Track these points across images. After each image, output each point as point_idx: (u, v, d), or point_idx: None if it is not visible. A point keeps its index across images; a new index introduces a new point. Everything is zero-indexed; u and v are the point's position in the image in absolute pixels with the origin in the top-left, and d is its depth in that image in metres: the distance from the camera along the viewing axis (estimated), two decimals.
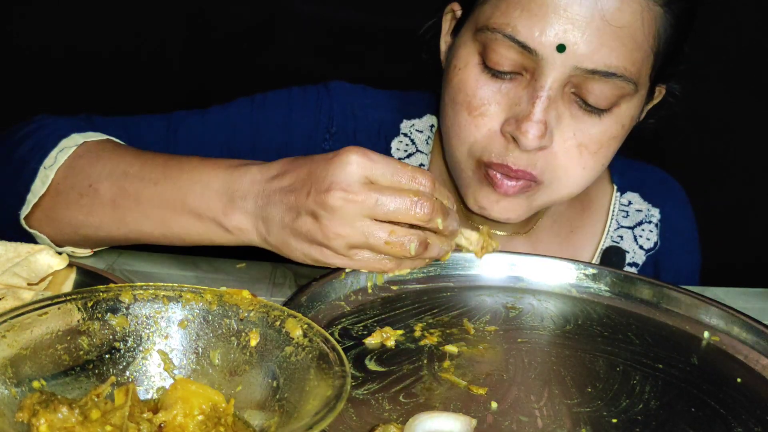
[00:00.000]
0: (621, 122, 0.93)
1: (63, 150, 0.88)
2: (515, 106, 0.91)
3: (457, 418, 0.65)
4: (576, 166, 0.94)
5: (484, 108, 0.93)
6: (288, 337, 0.61)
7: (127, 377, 0.62)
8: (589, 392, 0.73)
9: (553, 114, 0.91)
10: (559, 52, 0.87)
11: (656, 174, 1.22)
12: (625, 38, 0.88)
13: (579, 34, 0.87)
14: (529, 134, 0.89)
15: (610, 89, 0.90)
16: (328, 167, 0.76)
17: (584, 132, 0.92)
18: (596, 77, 0.88)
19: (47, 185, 0.87)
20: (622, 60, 0.88)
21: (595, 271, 0.94)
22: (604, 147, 0.94)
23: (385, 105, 1.15)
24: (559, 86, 0.89)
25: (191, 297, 0.63)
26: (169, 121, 1.07)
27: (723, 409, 0.73)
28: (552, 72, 0.88)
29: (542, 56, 0.88)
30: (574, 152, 0.93)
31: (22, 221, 0.88)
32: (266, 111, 1.11)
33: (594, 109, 0.91)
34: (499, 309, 0.88)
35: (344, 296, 0.86)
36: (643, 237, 1.14)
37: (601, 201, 1.16)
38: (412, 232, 0.78)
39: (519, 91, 0.91)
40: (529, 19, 0.88)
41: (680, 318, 0.89)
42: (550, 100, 0.89)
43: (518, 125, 0.90)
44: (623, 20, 0.87)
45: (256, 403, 0.60)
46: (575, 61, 0.88)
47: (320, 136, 1.12)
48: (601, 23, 0.87)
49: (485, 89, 0.93)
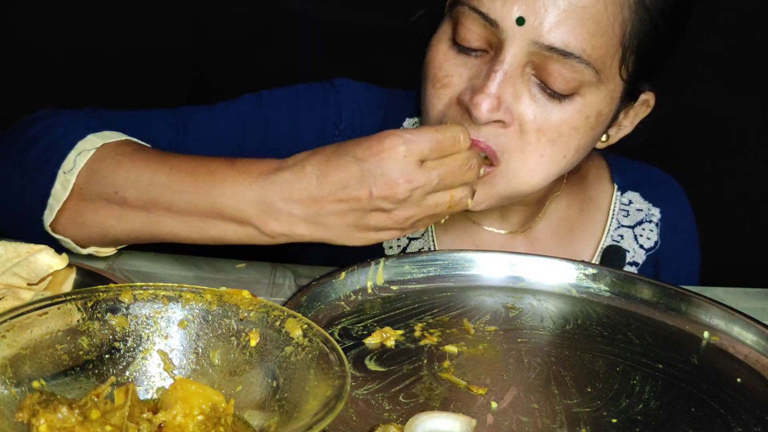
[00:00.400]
0: (585, 113, 0.92)
1: (81, 153, 0.87)
2: (475, 79, 0.92)
3: (457, 418, 0.65)
4: (533, 151, 0.93)
5: (447, 79, 0.94)
6: (288, 337, 0.61)
7: (126, 377, 0.62)
8: (589, 392, 0.73)
9: (510, 91, 0.90)
10: (518, 25, 0.88)
11: (656, 174, 1.22)
12: (586, 19, 0.88)
13: (540, 9, 0.87)
14: (481, 106, 0.89)
15: (569, 71, 0.89)
16: (381, 163, 0.79)
17: (543, 117, 0.91)
18: (554, 56, 0.88)
19: (69, 189, 0.86)
20: (581, 41, 0.88)
21: (595, 271, 0.94)
22: (564, 137, 0.93)
23: (387, 104, 1.15)
24: (519, 63, 0.89)
25: (191, 297, 0.63)
26: (177, 116, 1.07)
27: (723, 409, 0.73)
28: (510, 47, 0.89)
29: (503, 29, 0.88)
30: (532, 136, 0.92)
31: (48, 227, 0.88)
32: (274, 107, 1.11)
33: (555, 94, 0.91)
34: (499, 309, 0.88)
35: (344, 296, 0.86)
36: (643, 236, 1.14)
37: (601, 200, 1.16)
38: (464, 188, 0.84)
39: (481, 66, 0.92)
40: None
41: (680, 318, 0.89)
42: (506, 75, 0.89)
43: (471, 96, 0.90)
44: (585, 0, 0.87)
45: (256, 403, 0.60)
46: (534, 35, 0.88)
47: (329, 132, 1.12)
48: (562, 1, 0.87)
49: (450, 63, 0.94)
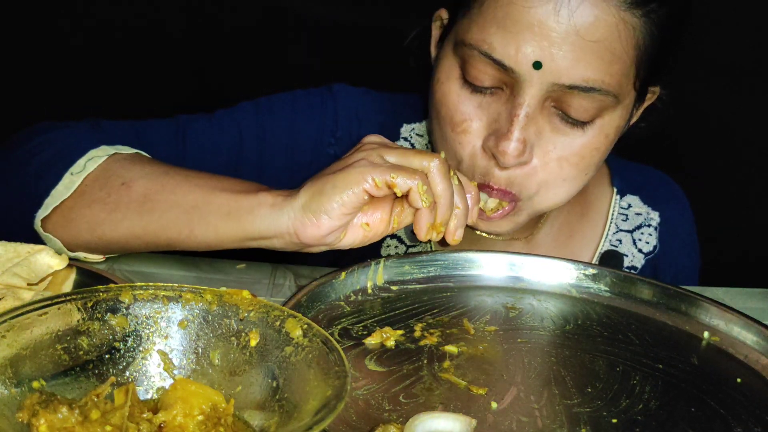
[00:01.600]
0: (605, 133, 0.93)
1: (92, 159, 0.87)
2: (495, 122, 0.91)
3: (457, 418, 0.65)
4: (556, 179, 0.94)
5: (466, 124, 0.93)
6: (288, 337, 0.61)
7: (126, 377, 0.62)
8: (589, 392, 0.73)
9: (533, 130, 0.90)
10: (535, 69, 0.86)
11: (656, 176, 1.22)
12: (601, 52, 0.87)
13: (555, 51, 0.86)
14: (507, 152, 0.89)
15: (590, 103, 0.89)
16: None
17: (565, 145, 0.92)
18: (575, 92, 0.88)
19: (72, 190, 0.86)
20: (600, 74, 0.88)
21: (594, 271, 0.94)
22: (587, 158, 0.93)
23: (386, 109, 1.15)
24: (538, 102, 0.89)
25: (191, 297, 0.63)
26: (176, 125, 1.07)
27: (723, 409, 0.73)
28: (529, 89, 0.88)
29: (519, 73, 0.87)
30: (554, 166, 0.93)
31: (38, 223, 0.87)
32: (272, 115, 1.11)
33: (576, 122, 0.91)
34: (499, 309, 0.88)
35: (344, 296, 0.86)
36: (642, 241, 1.14)
37: (600, 204, 1.16)
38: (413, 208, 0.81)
39: (499, 106, 0.91)
40: (504, 37, 0.87)
41: (680, 318, 0.89)
42: (528, 118, 0.89)
43: (497, 143, 0.90)
44: (598, 34, 0.86)
45: (256, 403, 0.60)
46: (552, 77, 0.87)
47: (326, 140, 1.12)
48: (576, 38, 0.86)
49: (466, 104, 0.93)
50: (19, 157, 0.92)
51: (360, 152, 0.80)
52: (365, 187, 0.77)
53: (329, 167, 0.81)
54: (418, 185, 0.77)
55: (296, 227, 0.78)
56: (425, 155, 0.80)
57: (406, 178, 0.77)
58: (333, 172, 0.79)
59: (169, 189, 0.84)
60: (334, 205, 0.77)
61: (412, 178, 0.77)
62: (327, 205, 0.77)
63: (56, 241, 0.87)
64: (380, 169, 0.77)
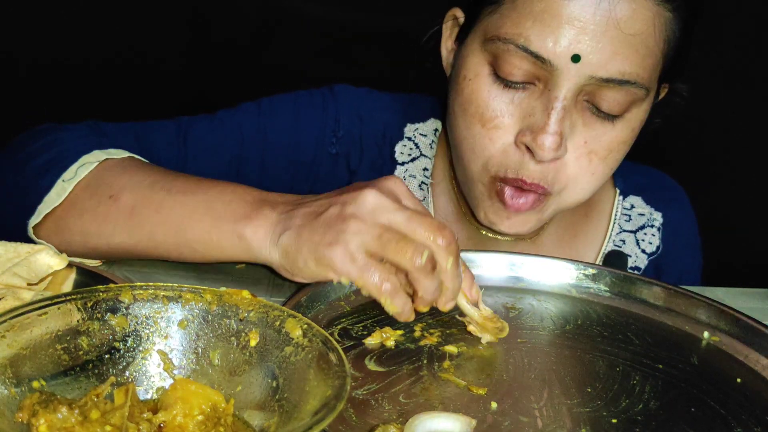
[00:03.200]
0: (631, 126, 0.93)
1: (84, 165, 0.88)
2: (529, 116, 0.91)
3: (457, 418, 0.65)
4: (586, 173, 0.94)
5: (498, 120, 0.92)
6: (288, 337, 0.61)
7: (126, 377, 0.62)
8: (589, 392, 0.73)
9: (568, 123, 0.90)
10: (573, 62, 0.86)
11: (659, 177, 1.22)
12: (638, 45, 0.88)
13: (593, 44, 0.86)
14: (545, 146, 0.88)
15: (624, 96, 0.89)
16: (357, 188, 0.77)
17: (596, 139, 0.92)
18: (610, 85, 0.88)
19: (63, 197, 0.86)
20: (636, 67, 0.88)
21: (595, 271, 0.94)
22: (614, 152, 0.94)
23: (389, 109, 1.15)
24: (573, 96, 0.89)
25: (191, 297, 0.63)
26: (178, 127, 1.07)
27: (723, 409, 0.73)
28: (566, 82, 0.88)
29: (556, 66, 0.87)
30: (584, 160, 0.93)
31: (30, 230, 0.87)
32: (273, 116, 1.11)
33: (607, 116, 0.91)
34: (499, 309, 0.88)
35: (344, 296, 0.86)
36: (645, 241, 1.14)
37: (603, 205, 1.16)
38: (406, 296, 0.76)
39: (532, 101, 0.91)
40: (542, 30, 0.87)
41: (680, 318, 0.89)
42: (565, 111, 0.89)
43: (534, 137, 0.89)
44: (636, 28, 0.87)
45: (256, 403, 0.60)
46: (590, 70, 0.87)
47: (327, 140, 1.12)
48: (615, 32, 0.86)
49: (498, 100, 0.92)
50: (17, 160, 0.92)
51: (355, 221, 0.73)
52: (332, 277, 0.74)
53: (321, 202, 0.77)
54: (383, 300, 0.73)
55: (275, 266, 0.79)
56: (433, 229, 0.73)
57: (372, 288, 0.73)
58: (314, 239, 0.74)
59: (154, 206, 0.84)
60: (306, 275, 0.77)
61: (379, 291, 0.73)
62: (299, 273, 0.77)
63: (51, 247, 0.87)
64: (354, 268, 0.72)
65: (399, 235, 0.73)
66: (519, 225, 0.97)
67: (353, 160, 1.12)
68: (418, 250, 0.72)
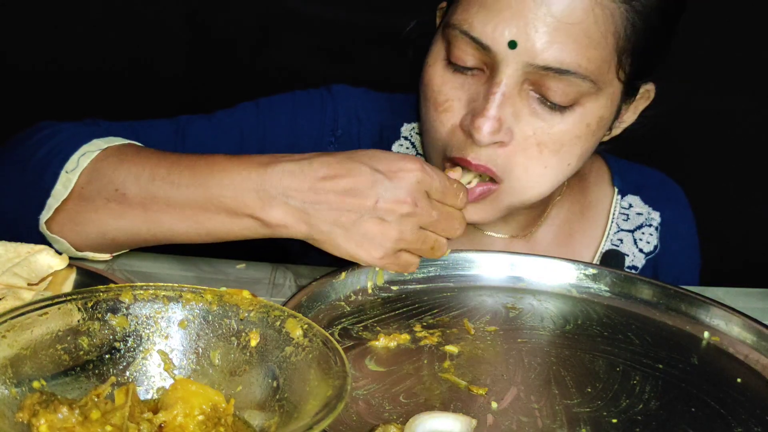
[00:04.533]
0: (585, 121, 0.93)
1: (85, 154, 0.87)
2: (473, 101, 0.92)
3: (457, 418, 0.65)
4: (537, 164, 0.93)
5: (448, 104, 0.94)
6: (288, 337, 0.61)
7: (127, 377, 0.62)
8: (589, 392, 0.73)
9: (510, 111, 0.90)
10: (510, 48, 0.87)
11: (657, 177, 1.22)
12: (577, 35, 0.87)
13: (531, 31, 0.87)
14: (482, 129, 0.89)
15: (567, 86, 0.89)
16: (395, 179, 0.81)
17: (544, 130, 0.92)
18: (551, 74, 0.88)
19: (69, 189, 0.86)
20: (575, 57, 0.88)
21: (595, 271, 0.94)
22: (567, 146, 0.93)
23: (386, 108, 1.15)
24: (515, 83, 0.89)
25: (191, 297, 0.63)
26: (176, 126, 1.07)
27: (723, 409, 0.73)
28: (506, 68, 0.89)
29: (496, 52, 0.88)
30: (533, 150, 0.92)
31: (43, 225, 0.87)
32: (272, 115, 1.11)
33: (555, 106, 0.91)
34: (499, 309, 0.88)
35: (344, 296, 0.86)
36: (643, 240, 1.14)
37: (601, 204, 1.16)
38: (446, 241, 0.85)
39: (479, 86, 0.92)
40: (485, 16, 0.88)
41: (680, 318, 0.89)
42: (504, 96, 0.89)
43: (472, 120, 0.90)
44: (574, 17, 0.87)
45: (256, 403, 0.60)
46: (527, 57, 0.88)
47: (325, 139, 1.12)
48: (552, 20, 0.87)
49: (449, 85, 0.93)
50: (17, 157, 0.92)
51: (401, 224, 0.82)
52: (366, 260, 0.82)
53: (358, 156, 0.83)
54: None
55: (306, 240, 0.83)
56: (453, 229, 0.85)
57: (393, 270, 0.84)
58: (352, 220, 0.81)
59: (163, 202, 0.85)
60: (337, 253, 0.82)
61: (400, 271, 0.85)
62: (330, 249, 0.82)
63: (63, 242, 0.87)
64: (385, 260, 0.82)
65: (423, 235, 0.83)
66: (475, 214, 0.96)
67: None
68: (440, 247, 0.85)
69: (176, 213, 0.84)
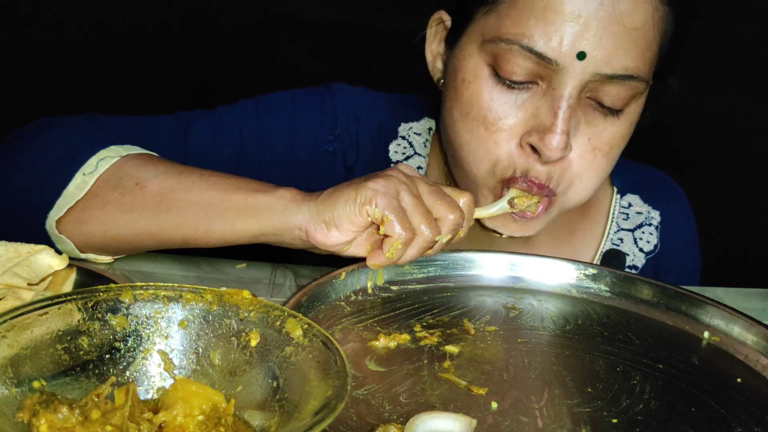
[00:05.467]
0: (630, 121, 0.94)
1: (104, 159, 0.87)
2: (534, 117, 0.90)
3: (457, 418, 0.65)
4: (589, 170, 0.93)
5: (502, 122, 0.91)
6: (288, 337, 0.61)
7: (127, 377, 0.62)
8: (589, 392, 0.73)
9: (574, 122, 0.90)
10: (579, 60, 0.86)
11: (656, 176, 1.22)
12: (638, 39, 0.88)
13: (597, 40, 0.86)
14: (554, 146, 0.88)
15: (626, 91, 0.89)
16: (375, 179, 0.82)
17: (598, 135, 0.92)
18: (614, 81, 0.88)
19: (84, 191, 0.86)
20: (637, 61, 0.88)
21: (595, 271, 0.94)
22: (615, 147, 0.94)
23: (383, 108, 1.15)
24: (578, 93, 0.89)
25: (191, 297, 0.63)
26: (178, 123, 1.07)
27: (723, 409, 0.73)
28: (572, 80, 0.87)
29: (562, 65, 0.87)
30: (588, 157, 0.92)
31: (52, 224, 0.86)
32: (271, 113, 1.11)
33: (609, 111, 0.91)
34: (499, 309, 0.88)
35: (344, 296, 0.86)
36: (643, 240, 1.14)
37: (601, 203, 1.16)
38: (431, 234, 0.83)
39: (536, 100, 0.90)
40: (545, 28, 0.86)
41: (680, 318, 0.89)
42: (571, 110, 0.88)
43: (541, 137, 0.89)
44: (637, 22, 0.87)
45: (257, 403, 0.60)
46: (595, 67, 0.87)
47: (324, 138, 1.12)
48: (617, 27, 0.86)
49: (500, 102, 0.91)
50: (21, 158, 0.92)
51: (391, 179, 0.81)
52: (368, 209, 0.79)
53: (357, 179, 0.82)
54: (398, 240, 0.80)
55: (308, 228, 0.80)
56: (453, 208, 0.82)
57: (398, 226, 0.79)
58: (353, 186, 0.80)
59: (185, 187, 0.84)
60: (344, 222, 0.79)
61: (403, 230, 0.80)
62: (337, 219, 0.79)
63: (68, 242, 0.87)
64: (387, 201, 0.79)
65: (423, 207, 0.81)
66: (526, 228, 0.97)
67: (350, 157, 1.12)
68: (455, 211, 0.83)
69: (189, 200, 0.84)
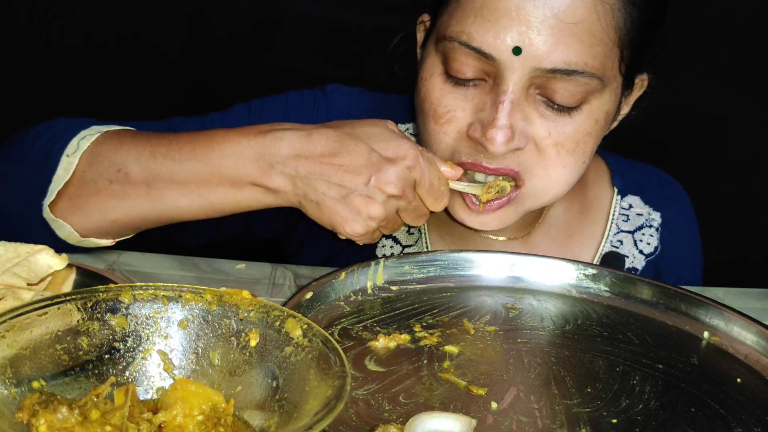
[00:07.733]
0: (594, 118, 0.93)
1: (84, 138, 0.89)
2: (480, 111, 0.91)
3: (457, 418, 0.65)
4: (556, 165, 0.94)
5: (450, 115, 0.93)
6: (288, 337, 0.61)
7: (126, 377, 0.62)
8: (589, 392, 0.73)
9: (519, 116, 0.90)
10: (515, 54, 0.87)
11: (658, 176, 1.21)
12: (581, 34, 0.87)
13: (534, 35, 0.86)
14: (496, 140, 0.89)
15: (575, 86, 0.89)
16: (391, 163, 0.86)
17: (559, 131, 0.92)
18: (558, 76, 0.88)
19: (71, 172, 0.88)
20: (581, 56, 0.88)
21: (594, 271, 0.94)
22: (581, 144, 0.94)
23: (380, 108, 1.15)
24: (522, 89, 0.89)
25: (191, 297, 0.63)
26: (169, 127, 1.07)
27: (723, 409, 0.73)
28: (512, 75, 0.88)
29: (500, 60, 0.88)
30: (551, 151, 0.93)
31: (47, 209, 0.88)
32: (264, 117, 1.11)
33: (563, 108, 0.91)
34: (499, 309, 0.88)
35: (344, 296, 0.86)
36: (643, 242, 1.14)
37: (601, 204, 1.16)
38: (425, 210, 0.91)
39: (483, 96, 0.91)
40: (482, 25, 0.88)
41: (680, 318, 0.89)
42: (513, 104, 0.89)
43: (484, 131, 0.90)
44: (577, 16, 0.87)
45: (256, 403, 0.60)
46: (533, 62, 0.87)
47: None
48: (554, 21, 0.86)
49: (449, 97, 0.93)
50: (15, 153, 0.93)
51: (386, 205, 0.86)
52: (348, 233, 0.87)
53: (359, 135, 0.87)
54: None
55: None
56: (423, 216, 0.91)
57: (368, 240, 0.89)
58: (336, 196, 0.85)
59: (167, 177, 0.87)
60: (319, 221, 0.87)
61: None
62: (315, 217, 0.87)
63: (67, 226, 0.88)
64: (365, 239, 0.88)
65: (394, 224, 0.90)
66: (493, 222, 0.96)
67: None
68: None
69: (179, 188, 0.87)
